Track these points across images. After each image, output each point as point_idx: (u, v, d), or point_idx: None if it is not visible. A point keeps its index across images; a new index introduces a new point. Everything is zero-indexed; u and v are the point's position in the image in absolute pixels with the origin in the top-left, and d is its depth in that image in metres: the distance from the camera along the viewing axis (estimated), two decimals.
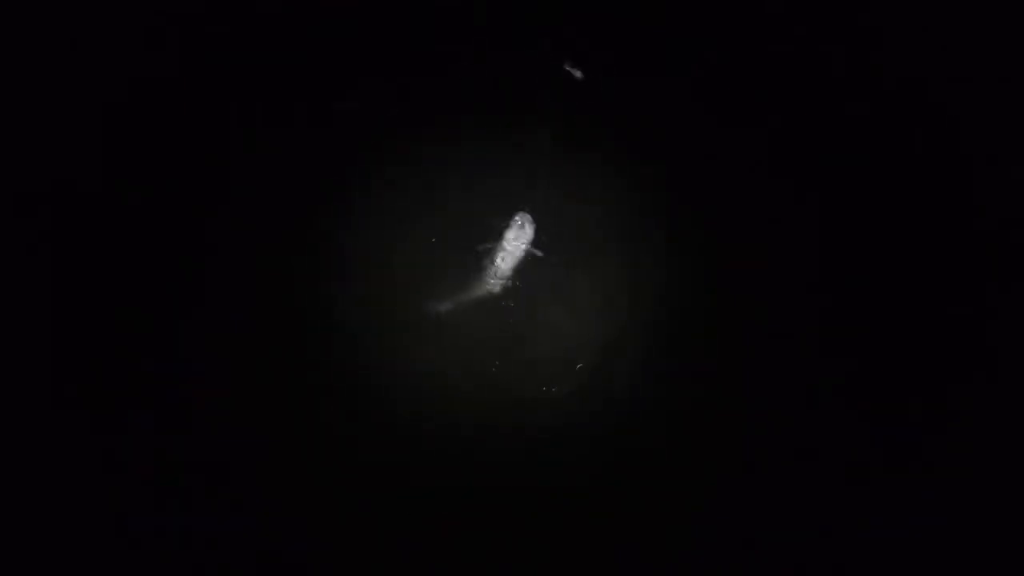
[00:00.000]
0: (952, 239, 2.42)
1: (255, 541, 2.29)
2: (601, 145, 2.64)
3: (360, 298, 2.57)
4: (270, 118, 2.55)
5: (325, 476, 2.39)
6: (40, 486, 2.23)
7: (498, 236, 2.59)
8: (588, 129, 2.64)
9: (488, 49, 2.59)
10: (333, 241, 2.59)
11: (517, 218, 2.58)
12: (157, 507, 2.27)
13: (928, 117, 2.45)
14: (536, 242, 2.60)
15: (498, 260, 2.59)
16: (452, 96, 2.63)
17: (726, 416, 2.42)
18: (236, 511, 2.31)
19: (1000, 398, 2.27)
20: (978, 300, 2.37)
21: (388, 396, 2.50)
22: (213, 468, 2.34)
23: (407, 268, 2.61)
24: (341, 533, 2.34)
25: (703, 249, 2.59)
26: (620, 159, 2.64)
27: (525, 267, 2.61)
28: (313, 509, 2.34)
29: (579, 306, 2.61)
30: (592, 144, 2.64)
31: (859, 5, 2.48)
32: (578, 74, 2.52)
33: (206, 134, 2.52)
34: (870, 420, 2.37)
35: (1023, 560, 2.11)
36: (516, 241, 2.58)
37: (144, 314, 2.41)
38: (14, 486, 2.20)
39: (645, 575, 2.29)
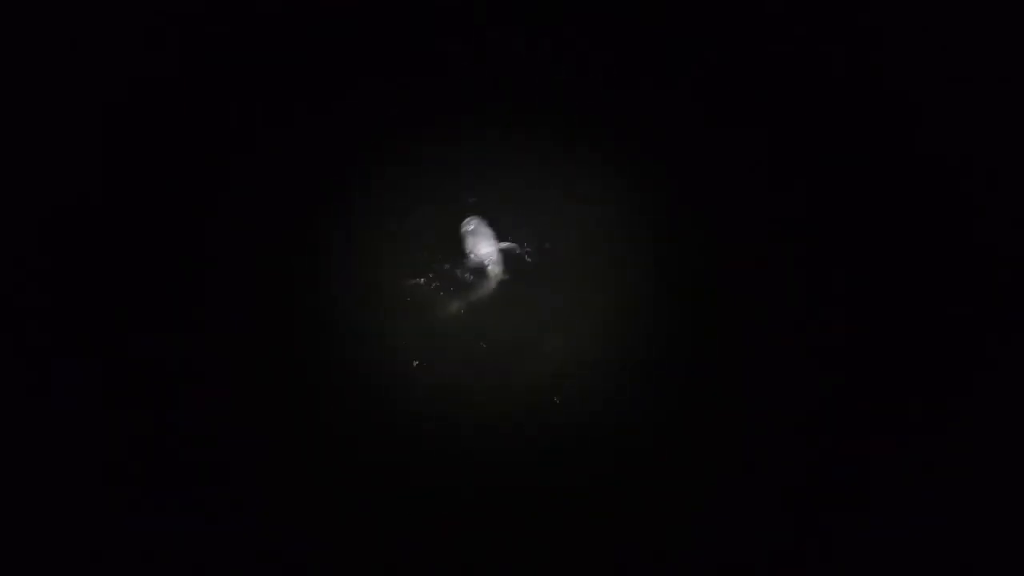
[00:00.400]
0: (952, 239, 2.42)
1: (255, 541, 2.29)
2: (601, 145, 2.64)
3: (360, 298, 2.57)
4: (270, 118, 2.55)
5: (325, 476, 2.38)
6: (39, 486, 2.22)
7: (462, 250, 2.59)
8: (588, 129, 2.64)
9: (488, 49, 2.60)
10: (333, 241, 2.59)
11: (463, 226, 2.58)
12: (156, 507, 2.27)
13: (928, 117, 2.45)
14: (507, 236, 2.59)
15: (474, 271, 2.59)
16: (452, 96, 2.63)
17: (726, 416, 2.42)
18: (236, 511, 2.31)
19: (1001, 398, 2.27)
20: (979, 300, 2.37)
21: (388, 396, 2.49)
22: (213, 468, 2.34)
23: (407, 268, 2.61)
24: (341, 533, 2.33)
25: (703, 249, 2.59)
26: (620, 159, 2.64)
27: (522, 267, 2.61)
28: (313, 509, 2.34)
29: (577, 306, 2.61)
30: (592, 144, 2.64)
31: (859, 5, 2.48)
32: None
33: (206, 134, 2.52)
34: (870, 420, 2.37)
35: (1023, 560, 2.11)
36: (477, 247, 2.58)
37: (143, 314, 2.41)
38: (13, 487, 2.20)
39: (645, 575, 2.29)
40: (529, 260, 2.62)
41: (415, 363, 2.48)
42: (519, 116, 2.62)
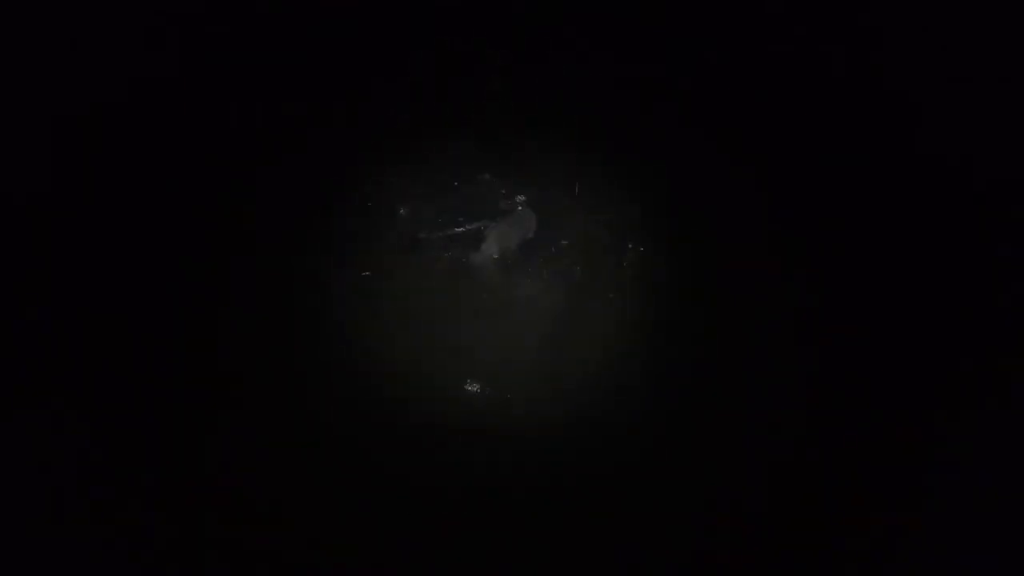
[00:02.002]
0: (952, 238, 2.42)
1: (256, 540, 2.29)
2: (601, 146, 2.65)
3: (361, 298, 2.57)
4: (270, 118, 2.55)
5: (326, 476, 2.39)
6: (39, 487, 2.23)
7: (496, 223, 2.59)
8: (588, 130, 2.64)
9: (488, 50, 2.60)
10: (334, 241, 2.59)
11: (473, 227, 2.58)
12: (157, 506, 2.27)
13: (928, 117, 2.45)
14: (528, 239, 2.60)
15: (495, 247, 2.58)
16: (452, 97, 2.63)
17: (727, 417, 2.42)
18: (237, 510, 2.31)
19: (1003, 399, 2.27)
20: (981, 301, 2.37)
21: (391, 395, 2.50)
22: (214, 467, 2.34)
23: (408, 268, 2.61)
24: (342, 533, 2.34)
25: (704, 250, 2.59)
26: (620, 160, 2.64)
27: (527, 266, 2.61)
28: (314, 509, 2.34)
29: (579, 309, 2.61)
30: (591, 145, 2.64)
31: (859, 5, 2.48)
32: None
33: (206, 134, 2.52)
34: (872, 420, 2.37)
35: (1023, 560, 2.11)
36: (511, 231, 2.58)
37: (144, 314, 2.41)
38: (13, 489, 2.20)
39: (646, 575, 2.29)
40: (534, 262, 2.62)
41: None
42: (520, 116, 2.63)
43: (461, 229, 2.61)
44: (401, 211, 2.64)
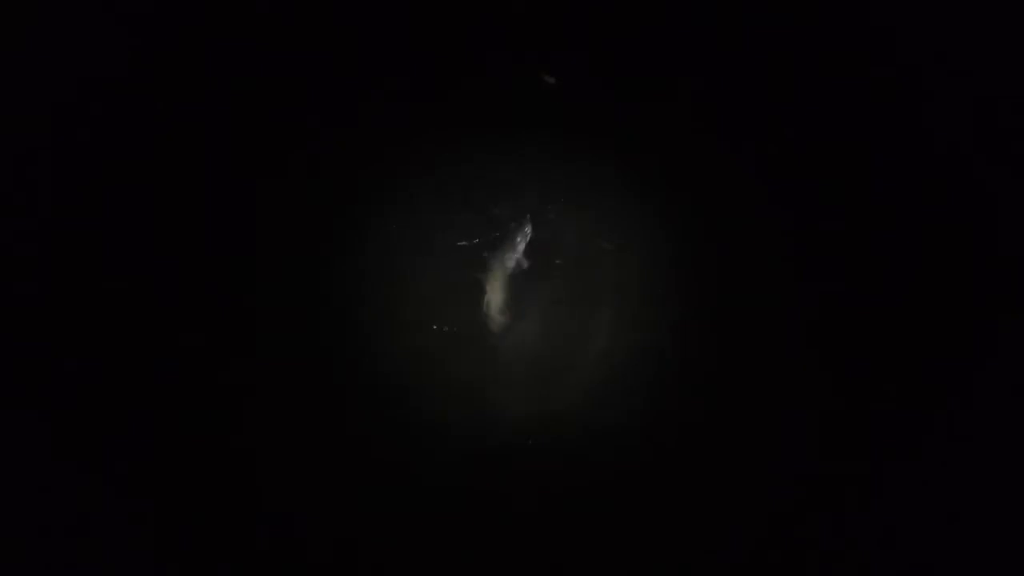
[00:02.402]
0: (955, 241, 2.42)
1: (258, 538, 2.30)
2: (602, 148, 2.65)
3: (366, 299, 2.58)
4: (272, 119, 2.55)
5: (330, 476, 2.40)
6: (41, 487, 2.23)
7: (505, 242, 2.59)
8: (589, 129, 2.64)
9: (488, 51, 2.60)
10: (340, 243, 2.60)
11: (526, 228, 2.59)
12: (160, 504, 2.28)
13: (930, 118, 2.45)
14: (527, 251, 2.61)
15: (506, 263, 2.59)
16: (454, 99, 2.63)
17: (731, 424, 2.43)
18: (239, 509, 2.32)
19: (1003, 402, 2.28)
20: (984, 303, 2.37)
21: (397, 397, 2.51)
22: (217, 467, 2.35)
23: (413, 271, 2.62)
24: (345, 532, 2.35)
25: (707, 255, 2.60)
26: (620, 163, 2.65)
27: (530, 275, 2.61)
28: (318, 508, 2.35)
29: (583, 314, 2.62)
30: (593, 149, 2.65)
31: (859, 5, 2.48)
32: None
33: (206, 134, 2.52)
34: (876, 421, 2.38)
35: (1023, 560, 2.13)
36: (515, 238, 2.58)
37: (146, 319, 2.41)
38: (15, 491, 2.21)
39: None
40: (536, 268, 2.63)
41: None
42: (521, 116, 2.63)
43: (464, 242, 2.62)
44: (401, 218, 2.64)
